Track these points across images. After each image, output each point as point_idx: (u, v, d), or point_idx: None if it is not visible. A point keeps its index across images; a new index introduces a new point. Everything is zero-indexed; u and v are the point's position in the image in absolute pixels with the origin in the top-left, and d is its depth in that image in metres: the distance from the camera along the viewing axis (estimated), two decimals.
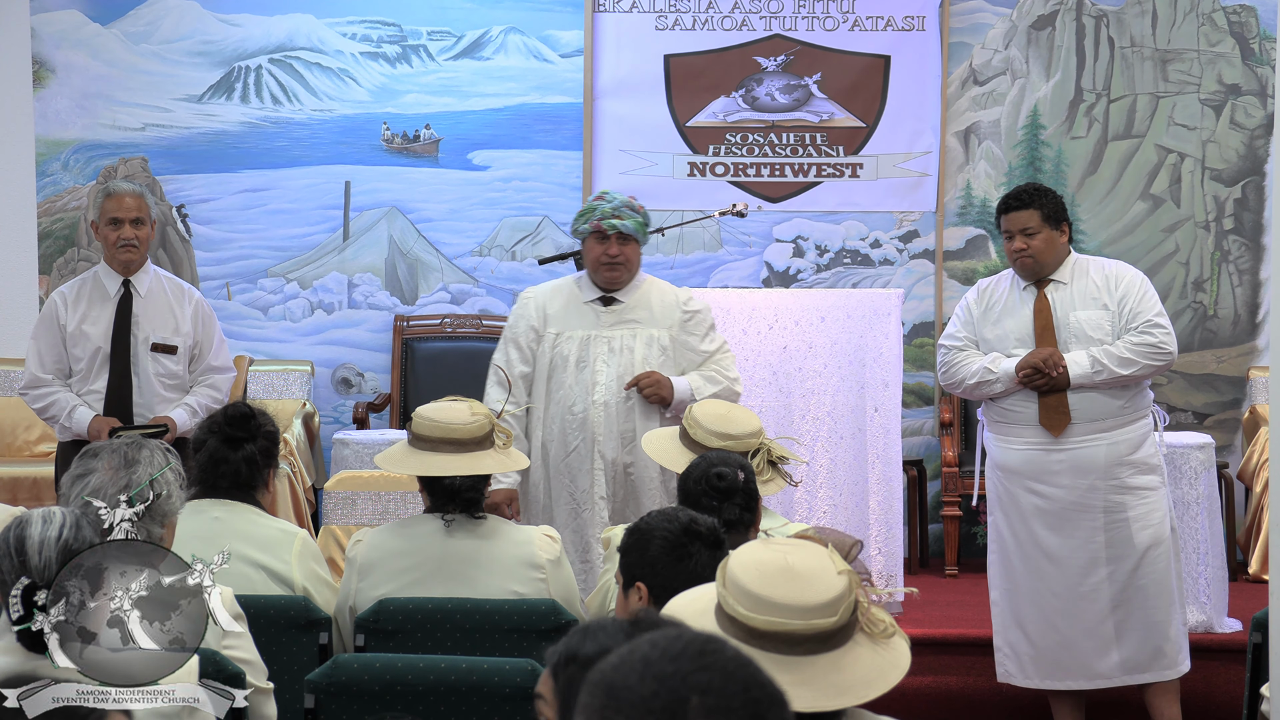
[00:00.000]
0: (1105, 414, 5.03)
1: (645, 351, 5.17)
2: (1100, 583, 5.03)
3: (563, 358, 5.17)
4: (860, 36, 7.50)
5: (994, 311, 5.18)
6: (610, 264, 5.18)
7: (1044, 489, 5.07)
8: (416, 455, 4.22)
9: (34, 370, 5.46)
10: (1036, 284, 5.13)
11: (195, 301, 5.58)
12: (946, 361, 5.20)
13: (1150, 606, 5.02)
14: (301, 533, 4.15)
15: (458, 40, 7.64)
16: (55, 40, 7.58)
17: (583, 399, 5.12)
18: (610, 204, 5.21)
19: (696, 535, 3.08)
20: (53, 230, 7.58)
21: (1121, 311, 5.06)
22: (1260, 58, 7.44)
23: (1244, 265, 7.43)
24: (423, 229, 7.60)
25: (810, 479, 5.90)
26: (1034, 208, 5.09)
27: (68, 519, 2.83)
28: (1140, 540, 5.01)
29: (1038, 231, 5.08)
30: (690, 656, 1.67)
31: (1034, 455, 5.07)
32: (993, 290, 5.22)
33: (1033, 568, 5.10)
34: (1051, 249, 5.09)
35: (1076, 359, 5.00)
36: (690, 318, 5.24)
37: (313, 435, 7.31)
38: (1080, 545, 5.04)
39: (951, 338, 5.23)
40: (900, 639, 2.51)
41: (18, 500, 6.45)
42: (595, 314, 5.20)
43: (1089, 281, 5.10)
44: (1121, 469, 5.03)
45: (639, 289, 5.26)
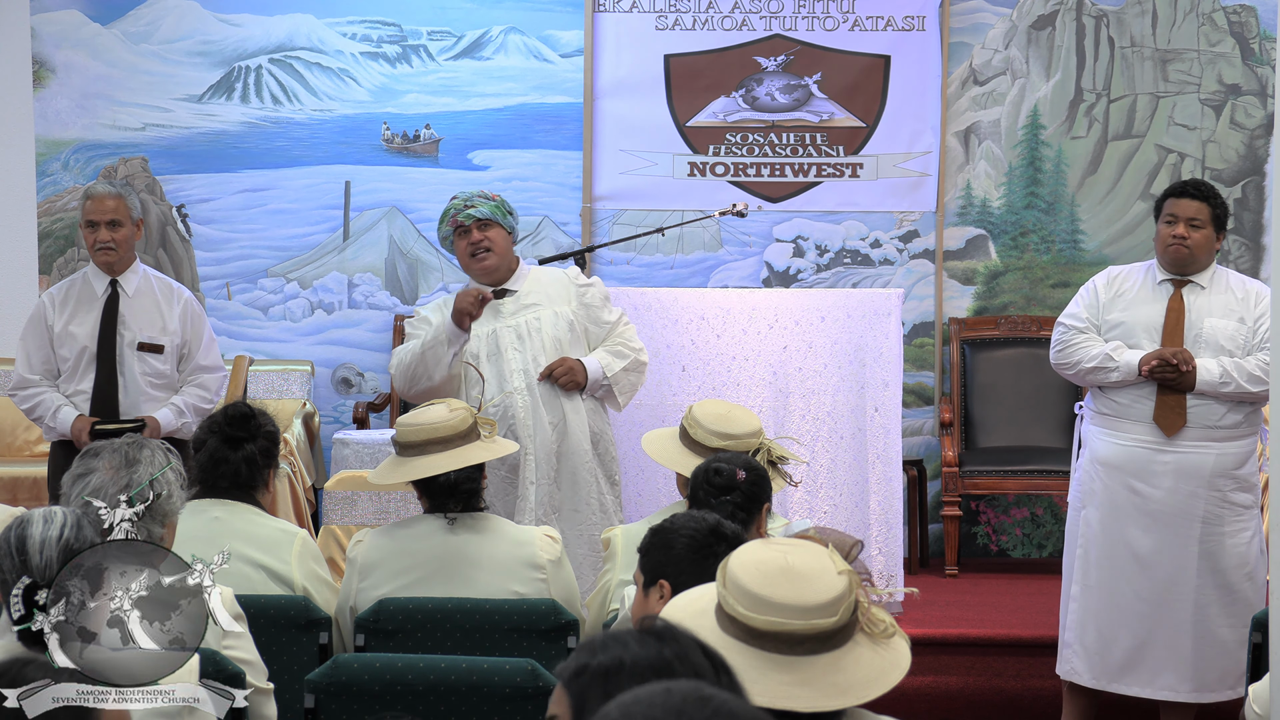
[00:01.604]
0: (1220, 423, 4.94)
1: (554, 330, 5.20)
2: (1188, 592, 4.94)
3: (473, 355, 5.17)
4: (860, 36, 7.50)
5: (1124, 299, 5.08)
6: (475, 251, 5.20)
7: (1145, 488, 4.98)
8: (406, 462, 4.23)
9: (22, 371, 5.50)
10: (1173, 282, 5.05)
11: (184, 301, 5.58)
12: (1064, 341, 5.09)
13: (1228, 625, 4.93)
14: (301, 533, 4.15)
15: (458, 40, 7.64)
16: (55, 40, 7.58)
17: (500, 389, 5.13)
18: (461, 198, 5.25)
19: (723, 537, 3.09)
20: (53, 230, 7.58)
21: (1256, 329, 4.97)
22: (1260, 58, 7.44)
23: (1244, 265, 7.42)
24: (423, 229, 7.60)
25: (810, 479, 5.89)
26: (1208, 203, 5.02)
27: (68, 519, 2.83)
28: (1232, 557, 4.93)
29: (1203, 226, 5.01)
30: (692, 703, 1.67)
31: (1140, 453, 4.98)
32: (1125, 278, 5.13)
33: (1118, 567, 5.00)
34: (1207, 248, 5.03)
35: (1207, 366, 4.91)
36: (585, 291, 5.29)
37: (313, 435, 7.31)
38: (1173, 552, 4.94)
39: (1073, 317, 5.12)
40: (900, 639, 2.51)
41: (18, 500, 6.45)
42: (493, 309, 5.21)
43: (1228, 292, 5.02)
44: (1225, 481, 4.94)
45: (526, 276, 5.32)
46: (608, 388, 5.23)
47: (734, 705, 1.68)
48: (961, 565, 7.02)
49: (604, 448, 5.26)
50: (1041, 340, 7.33)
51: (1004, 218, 7.54)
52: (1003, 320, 7.44)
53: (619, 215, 7.53)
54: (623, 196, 7.54)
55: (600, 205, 7.55)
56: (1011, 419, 7.26)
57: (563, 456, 5.15)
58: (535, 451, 5.11)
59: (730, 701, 1.68)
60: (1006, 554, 7.46)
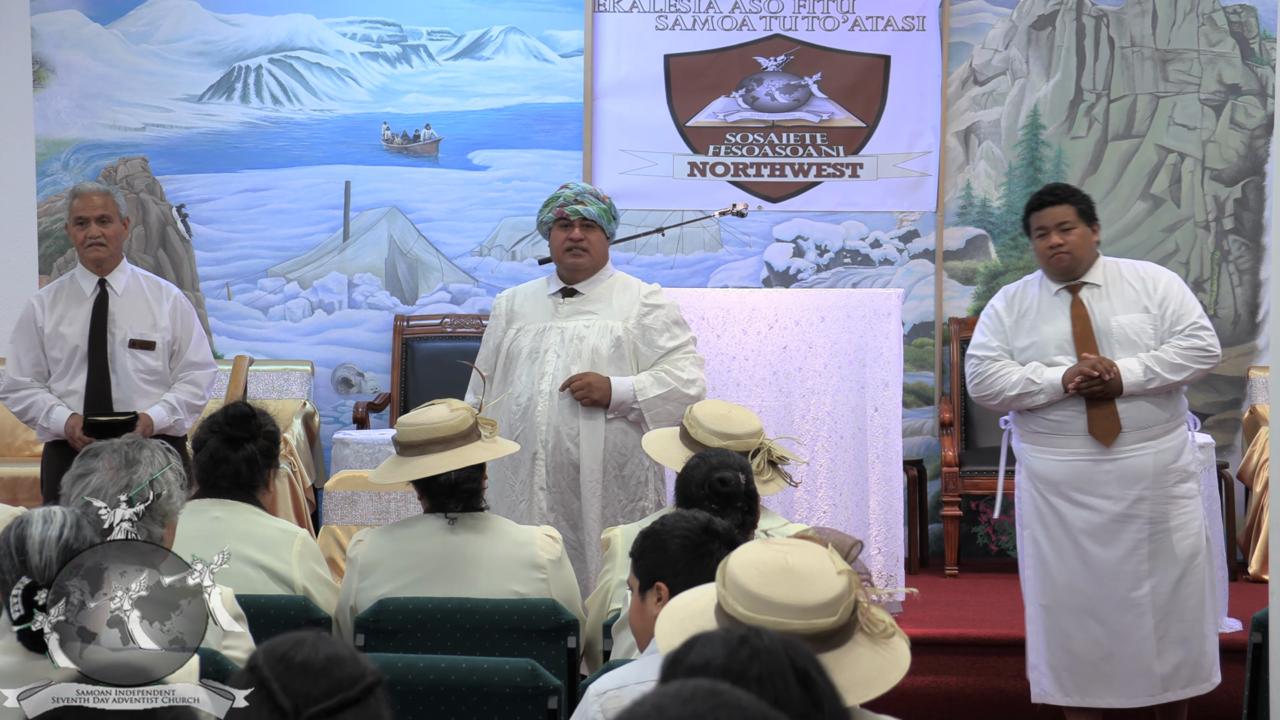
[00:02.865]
0: (1152, 421, 4.90)
1: (597, 341, 5.08)
2: (1145, 596, 4.89)
3: (518, 349, 5.12)
4: (860, 36, 7.50)
5: (1027, 319, 5.01)
6: (572, 248, 5.12)
7: (1091, 500, 4.92)
8: (407, 462, 4.23)
9: (12, 374, 5.52)
10: (1069, 289, 4.99)
11: (173, 298, 5.59)
12: (980, 373, 5.01)
13: (1190, 619, 4.88)
14: (302, 532, 4.15)
15: (458, 40, 7.64)
16: (55, 40, 7.58)
17: (530, 388, 5.05)
18: (573, 190, 5.19)
19: (715, 534, 3.08)
20: (53, 230, 7.58)
21: (1164, 315, 4.92)
22: (1260, 58, 7.44)
23: (1244, 265, 7.43)
24: (423, 229, 7.60)
25: (810, 479, 5.89)
26: (1069, 203, 4.97)
27: (68, 519, 2.83)
28: (1181, 550, 4.89)
29: (1074, 227, 4.95)
30: (701, 697, 1.68)
31: (1081, 466, 4.92)
32: (1021, 297, 5.05)
33: (1077, 582, 4.94)
34: (1087, 246, 4.97)
35: (1129, 366, 4.86)
36: (650, 311, 5.14)
37: (313, 435, 7.31)
38: (1126, 557, 4.89)
39: (983, 348, 5.04)
40: (900, 639, 2.51)
41: (18, 500, 6.45)
42: (554, 305, 5.15)
43: (1124, 284, 4.97)
44: (1167, 477, 4.90)
45: (603, 282, 5.19)
46: (639, 412, 5.05)
47: (745, 701, 1.69)
48: (961, 565, 7.02)
49: (631, 470, 5.10)
50: None
51: (1004, 218, 7.54)
52: None
53: (619, 215, 7.52)
54: (623, 196, 7.51)
55: None
56: None
57: (581, 470, 5.09)
58: (547, 458, 5.04)
59: (742, 699, 1.69)
60: (1006, 554, 7.46)
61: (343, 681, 2.13)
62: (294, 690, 2.12)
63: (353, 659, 2.16)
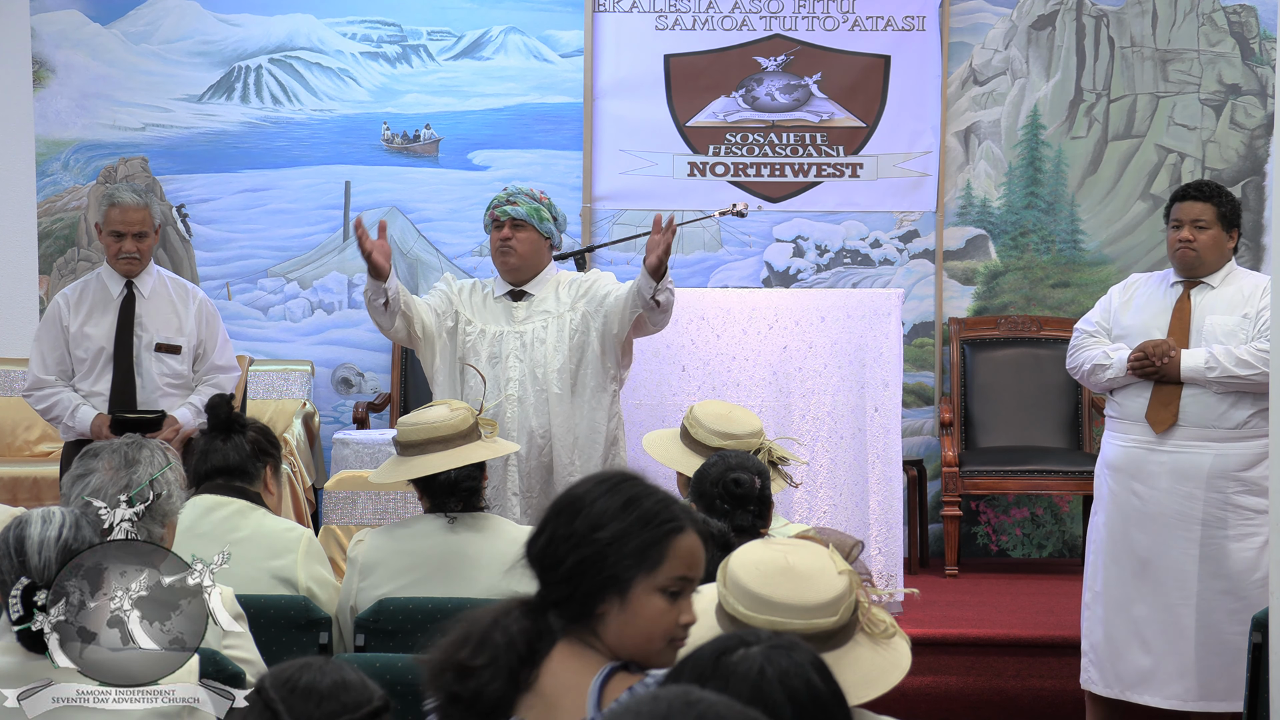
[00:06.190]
0: (1217, 422, 4.87)
1: (557, 341, 5.09)
2: (1188, 598, 4.85)
3: (475, 353, 5.12)
4: (860, 36, 7.50)
5: (1134, 304, 5.06)
6: (501, 248, 5.13)
7: (1143, 489, 4.93)
8: (407, 462, 4.24)
9: (37, 372, 5.49)
10: (1185, 284, 5.01)
11: (199, 301, 5.59)
12: (1074, 345, 5.12)
13: (1236, 633, 4.77)
14: (307, 533, 4.15)
15: (458, 40, 7.64)
16: (55, 40, 7.58)
17: (495, 395, 5.06)
18: (507, 192, 5.20)
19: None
20: (53, 230, 7.58)
21: (1257, 320, 4.89)
22: (1260, 58, 7.44)
23: (1244, 265, 7.41)
24: (423, 229, 7.60)
25: (810, 479, 5.89)
26: (1212, 203, 4.97)
27: (67, 519, 2.83)
28: (1238, 562, 4.84)
29: (1209, 227, 4.96)
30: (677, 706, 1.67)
31: (1137, 453, 4.95)
32: (1141, 283, 5.12)
33: (1124, 572, 4.94)
34: (1216, 249, 4.98)
35: (1192, 353, 4.86)
36: (588, 284, 5.13)
37: (313, 435, 7.31)
38: (1175, 556, 4.87)
39: (1086, 322, 5.13)
40: (900, 639, 2.51)
41: (18, 500, 6.45)
42: (508, 310, 5.14)
43: (1236, 289, 4.97)
44: (1228, 484, 4.85)
45: (547, 281, 5.18)
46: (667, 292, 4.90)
47: (721, 708, 1.68)
48: (961, 565, 7.02)
49: (617, 453, 5.13)
50: (1042, 340, 7.34)
51: (1004, 218, 7.54)
52: (1003, 320, 7.44)
53: (619, 215, 7.53)
54: (623, 196, 7.54)
55: (600, 205, 7.55)
56: (1011, 419, 7.26)
57: (552, 470, 5.08)
58: (520, 463, 5.03)
59: (718, 704, 1.68)
60: (1006, 554, 7.46)
61: (349, 706, 2.13)
62: (300, 714, 2.12)
63: (360, 684, 2.15)
